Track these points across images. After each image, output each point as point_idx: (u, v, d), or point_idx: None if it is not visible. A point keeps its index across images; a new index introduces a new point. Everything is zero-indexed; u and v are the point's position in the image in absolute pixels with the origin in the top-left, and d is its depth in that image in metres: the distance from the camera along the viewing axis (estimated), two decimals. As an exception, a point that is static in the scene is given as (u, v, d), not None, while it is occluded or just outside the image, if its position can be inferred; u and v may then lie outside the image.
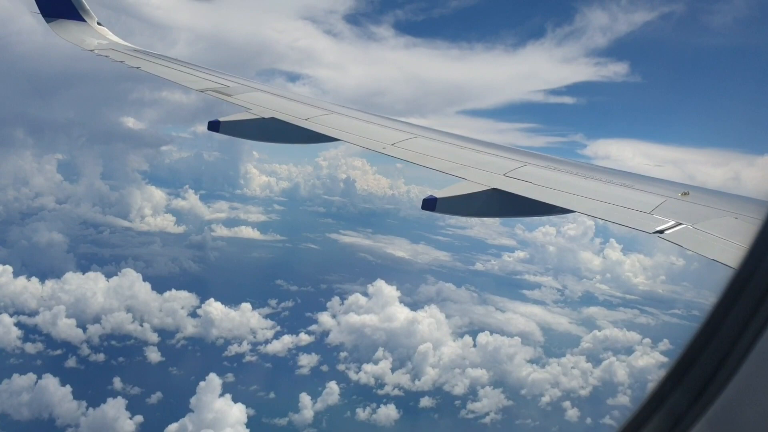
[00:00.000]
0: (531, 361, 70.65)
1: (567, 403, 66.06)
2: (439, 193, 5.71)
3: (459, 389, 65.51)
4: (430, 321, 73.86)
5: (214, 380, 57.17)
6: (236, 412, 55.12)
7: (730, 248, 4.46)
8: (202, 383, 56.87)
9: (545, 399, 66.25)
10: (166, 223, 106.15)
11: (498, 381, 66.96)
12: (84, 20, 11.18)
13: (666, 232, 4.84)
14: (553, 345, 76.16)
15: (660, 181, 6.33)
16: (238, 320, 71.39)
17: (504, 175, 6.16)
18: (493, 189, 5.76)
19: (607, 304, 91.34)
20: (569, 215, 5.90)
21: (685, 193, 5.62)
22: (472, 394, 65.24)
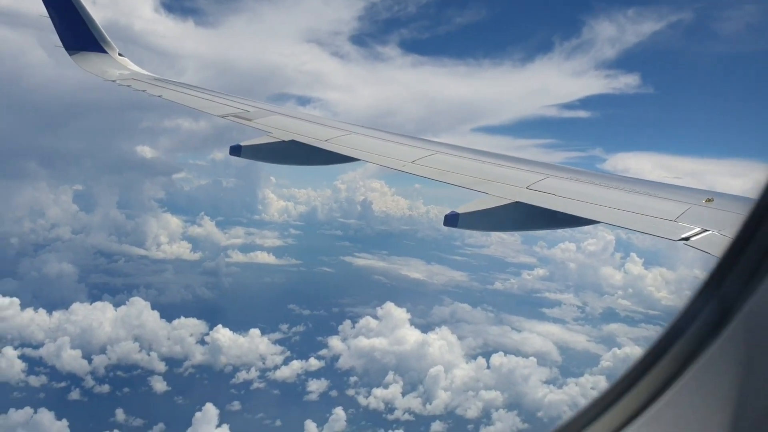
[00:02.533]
0: (547, 382, 69.12)
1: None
2: (461, 209, 5.69)
3: (472, 413, 64.23)
4: (441, 343, 72.91)
5: (210, 410, 56.02)
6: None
7: None
8: (198, 414, 55.73)
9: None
10: (182, 250, 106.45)
11: (513, 403, 65.60)
12: (105, 51, 11.51)
13: (692, 239, 4.85)
14: (571, 364, 74.48)
15: (683, 188, 6.32)
16: (246, 346, 70.79)
17: (526, 188, 6.16)
18: (516, 202, 5.77)
19: (628, 321, 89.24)
20: (589, 230, 5.91)
21: (710, 200, 5.63)
22: (486, 417, 63.94)
